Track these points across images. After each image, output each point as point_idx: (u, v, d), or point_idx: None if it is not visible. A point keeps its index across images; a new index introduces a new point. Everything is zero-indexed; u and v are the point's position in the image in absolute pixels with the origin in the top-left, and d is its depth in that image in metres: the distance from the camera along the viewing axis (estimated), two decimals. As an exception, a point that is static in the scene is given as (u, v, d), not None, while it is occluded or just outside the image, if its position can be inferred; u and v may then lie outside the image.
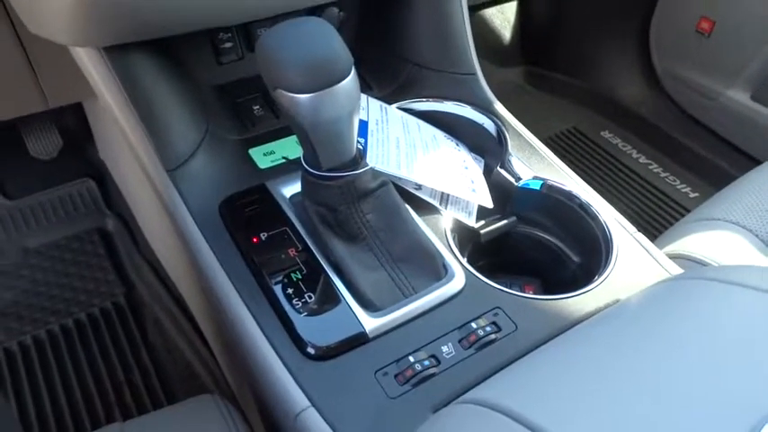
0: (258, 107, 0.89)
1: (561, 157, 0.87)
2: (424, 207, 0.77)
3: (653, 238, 0.86)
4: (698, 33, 1.58)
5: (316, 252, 0.70)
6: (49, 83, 1.08)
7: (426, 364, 0.62)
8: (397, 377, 0.61)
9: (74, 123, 1.45)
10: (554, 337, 0.59)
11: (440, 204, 0.78)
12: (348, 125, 0.63)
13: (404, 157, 0.78)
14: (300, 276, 0.68)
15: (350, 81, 0.60)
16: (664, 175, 1.70)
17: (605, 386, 0.47)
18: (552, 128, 1.86)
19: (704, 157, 1.67)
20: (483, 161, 0.88)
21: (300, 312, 0.65)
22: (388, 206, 0.70)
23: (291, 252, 0.70)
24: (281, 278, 0.68)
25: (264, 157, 0.83)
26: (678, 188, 1.66)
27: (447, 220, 0.77)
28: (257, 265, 0.69)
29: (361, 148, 0.75)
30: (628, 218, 0.80)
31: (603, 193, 0.87)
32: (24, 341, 1.26)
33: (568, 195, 0.81)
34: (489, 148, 0.89)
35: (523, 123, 0.92)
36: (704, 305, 0.55)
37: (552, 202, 0.82)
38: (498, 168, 0.83)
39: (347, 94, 0.60)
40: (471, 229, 0.79)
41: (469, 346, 0.64)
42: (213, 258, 0.71)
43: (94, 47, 0.74)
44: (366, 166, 0.67)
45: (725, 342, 0.49)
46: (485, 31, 2.01)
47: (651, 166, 1.73)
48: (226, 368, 1.06)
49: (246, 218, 0.74)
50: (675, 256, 0.86)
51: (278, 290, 0.67)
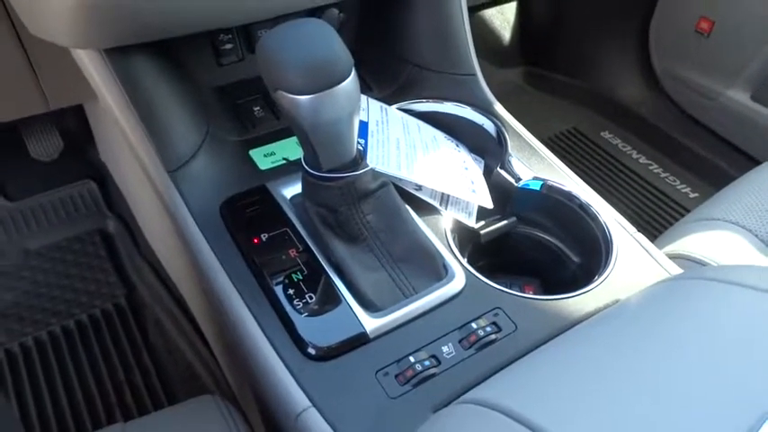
0: (258, 108, 0.89)
1: (561, 158, 0.88)
2: (424, 208, 0.77)
3: (653, 239, 0.86)
4: (697, 33, 1.58)
5: (316, 253, 0.70)
6: (50, 84, 1.08)
7: (427, 364, 0.62)
8: (397, 377, 0.61)
9: (74, 125, 1.45)
10: (554, 337, 0.59)
11: (440, 205, 0.78)
12: (348, 126, 0.63)
13: (404, 157, 0.78)
14: (301, 277, 0.68)
15: (350, 82, 0.60)
16: (663, 175, 1.70)
17: (605, 386, 0.47)
18: (552, 128, 1.86)
19: (704, 158, 1.67)
20: (483, 162, 0.88)
21: (301, 313, 0.65)
22: (389, 207, 0.71)
23: (292, 253, 0.70)
24: (281, 279, 0.68)
25: (265, 158, 0.83)
26: (678, 188, 1.66)
27: (447, 220, 0.77)
28: (258, 265, 0.69)
29: (362, 148, 0.75)
30: (628, 218, 0.80)
31: (603, 194, 0.87)
32: (25, 342, 1.26)
33: (568, 196, 0.82)
34: (489, 149, 0.89)
35: (523, 124, 0.92)
36: (704, 305, 0.55)
37: (552, 203, 0.83)
38: (498, 169, 0.84)
39: (347, 95, 0.60)
40: (471, 229, 0.80)
41: (470, 347, 0.64)
42: (214, 259, 0.71)
43: (95, 49, 0.74)
44: (366, 166, 0.68)
45: (724, 342, 0.50)
46: (484, 32, 2.01)
47: (651, 167, 1.73)
48: (226, 369, 1.06)
49: (247, 219, 0.74)
50: (675, 256, 0.86)
51: (279, 290, 0.67)
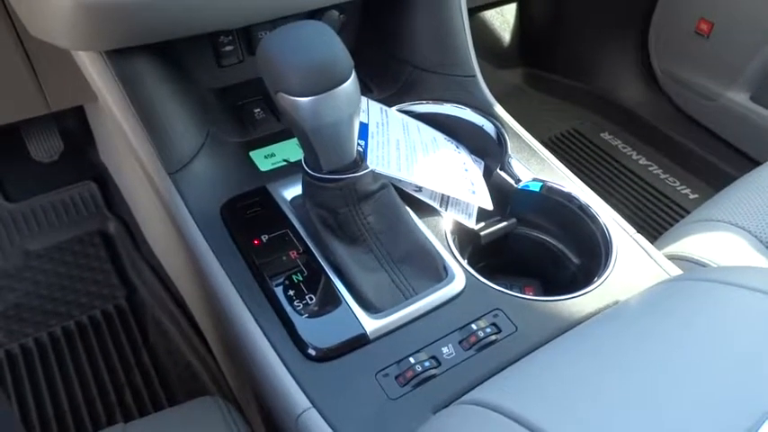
0: (259, 110, 0.89)
1: (561, 159, 0.88)
2: (424, 209, 0.78)
3: (653, 240, 0.86)
4: (697, 35, 1.58)
5: (316, 254, 0.70)
6: (51, 86, 1.08)
7: (427, 365, 0.62)
8: (397, 378, 0.61)
9: (75, 126, 1.45)
10: (554, 338, 0.59)
11: (440, 206, 0.79)
12: (348, 128, 0.63)
13: (404, 159, 0.78)
14: (301, 278, 0.68)
15: (350, 84, 0.61)
16: (663, 176, 1.70)
17: (605, 386, 0.47)
18: (552, 129, 1.86)
19: (704, 159, 1.67)
20: (483, 163, 0.88)
21: (301, 314, 0.65)
22: (389, 208, 0.71)
23: (292, 254, 0.70)
24: (282, 280, 0.68)
25: (265, 159, 0.83)
26: (678, 189, 1.66)
27: (447, 221, 0.77)
28: (258, 267, 0.69)
29: (362, 150, 0.75)
30: (627, 219, 0.81)
31: (603, 195, 0.88)
32: (26, 343, 1.26)
33: (568, 197, 0.82)
34: (489, 150, 0.89)
35: (523, 125, 0.92)
36: (704, 306, 0.55)
37: (552, 204, 0.83)
38: (498, 170, 0.84)
39: (348, 96, 0.61)
40: (471, 230, 0.80)
41: (470, 348, 0.64)
42: (214, 260, 0.71)
43: (96, 50, 0.74)
44: (366, 168, 0.68)
45: (724, 342, 0.50)
46: (484, 34, 2.01)
47: (651, 168, 1.73)
48: (227, 370, 1.07)
49: (247, 220, 0.74)
50: (675, 257, 0.86)
51: (279, 292, 0.67)
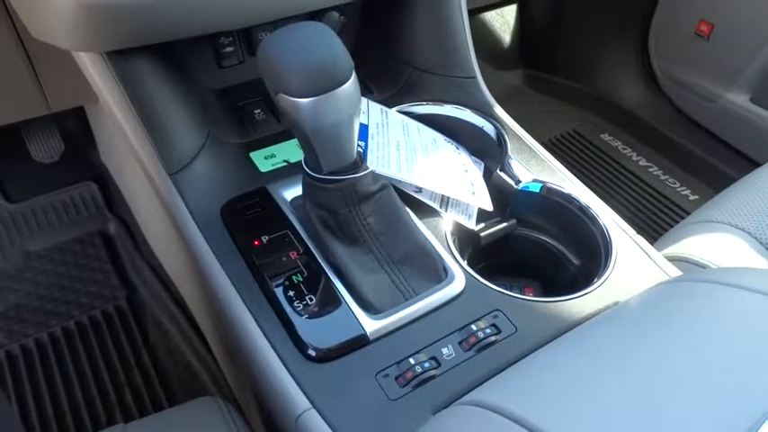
0: (259, 111, 0.89)
1: (561, 160, 0.88)
2: (424, 210, 0.78)
3: (653, 241, 0.86)
4: (697, 36, 1.58)
5: (317, 255, 0.70)
6: (52, 87, 1.08)
7: (427, 365, 0.62)
8: (397, 379, 0.62)
9: (76, 127, 1.45)
10: (554, 339, 0.60)
11: (440, 207, 0.79)
12: (349, 129, 0.63)
13: (404, 160, 0.79)
14: (301, 279, 0.68)
15: (350, 85, 0.61)
16: (663, 177, 1.70)
17: (604, 387, 0.47)
18: (552, 131, 1.86)
19: (704, 160, 1.67)
20: (483, 164, 0.88)
21: (301, 314, 0.65)
22: (389, 209, 0.71)
23: (292, 255, 0.70)
24: (282, 281, 0.68)
25: (266, 160, 0.83)
26: (678, 190, 1.66)
27: (447, 222, 0.77)
28: (258, 267, 0.69)
29: (362, 151, 0.76)
30: (627, 220, 0.81)
31: (603, 196, 0.88)
32: (26, 344, 1.26)
33: (568, 198, 0.82)
34: (489, 151, 0.89)
35: (523, 126, 0.92)
36: (703, 307, 0.55)
37: (552, 205, 0.83)
38: (498, 171, 0.84)
39: (348, 97, 0.61)
40: (471, 231, 0.80)
41: (469, 348, 0.64)
42: (215, 261, 0.71)
43: (97, 51, 0.74)
44: (366, 169, 0.68)
45: (723, 343, 0.50)
46: (484, 35, 2.01)
47: (651, 169, 1.73)
48: (227, 370, 1.07)
49: (248, 221, 0.74)
50: (675, 259, 0.86)
51: (279, 292, 0.67)
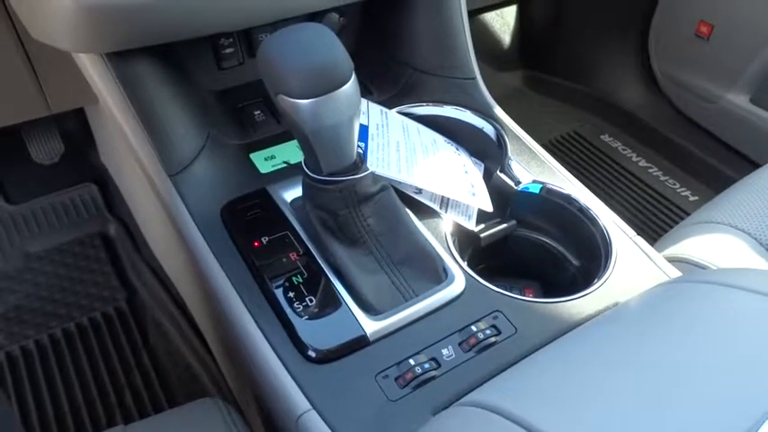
0: (259, 112, 0.89)
1: (561, 161, 0.88)
2: (424, 211, 0.78)
3: (652, 242, 0.86)
4: (697, 37, 1.58)
5: (317, 256, 0.70)
6: (52, 88, 1.08)
7: (427, 366, 0.62)
8: (397, 380, 0.62)
9: (76, 128, 1.45)
10: (554, 340, 0.60)
11: (440, 208, 0.79)
12: (349, 130, 0.63)
13: (404, 161, 0.79)
14: (301, 280, 0.68)
15: (350, 86, 0.61)
16: (663, 178, 1.70)
17: (604, 388, 0.47)
18: (552, 132, 1.86)
19: (703, 161, 1.67)
20: (483, 165, 0.88)
21: (301, 316, 0.65)
22: (389, 210, 0.71)
23: (292, 256, 0.70)
24: (282, 282, 0.68)
25: (266, 161, 0.83)
26: (678, 191, 1.66)
27: (447, 223, 0.78)
28: (258, 268, 0.69)
29: (362, 152, 0.76)
30: (627, 221, 0.81)
31: (603, 197, 0.88)
32: (27, 345, 1.26)
33: (568, 199, 0.82)
34: (489, 153, 0.89)
35: (523, 127, 0.92)
36: (703, 308, 0.55)
37: (552, 206, 0.83)
38: (498, 172, 0.84)
39: (348, 99, 0.61)
40: (471, 232, 0.80)
41: (469, 349, 0.64)
42: (215, 262, 0.71)
43: (97, 53, 0.74)
44: (366, 170, 0.68)
45: (723, 344, 0.50)
46: (484, 36, 2.01)
47: (651, 170, 1.73)
48: (227, 371, 1.07)
49: (248, 222, 0.74)
50: (675, 259, 0.86)
51: (279, 293, 0.67)
